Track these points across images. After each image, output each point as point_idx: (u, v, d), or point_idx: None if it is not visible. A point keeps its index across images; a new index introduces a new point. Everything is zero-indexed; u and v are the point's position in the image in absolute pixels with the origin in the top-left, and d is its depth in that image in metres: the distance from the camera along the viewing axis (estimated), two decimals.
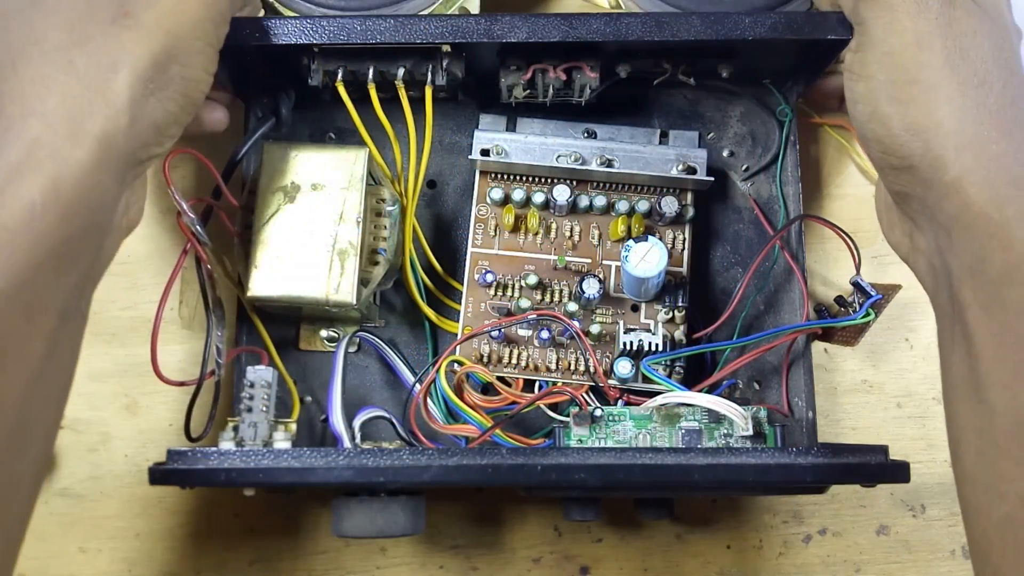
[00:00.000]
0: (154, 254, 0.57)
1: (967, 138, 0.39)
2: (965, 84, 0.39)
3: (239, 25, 0.46)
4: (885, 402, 0.56)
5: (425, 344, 0.54)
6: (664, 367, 0.50)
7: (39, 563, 0.55)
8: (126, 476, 0.55)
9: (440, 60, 0.49)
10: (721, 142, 0.56)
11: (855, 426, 0.56)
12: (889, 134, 0.41)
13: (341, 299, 0.47)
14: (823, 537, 0.55)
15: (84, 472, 0.56)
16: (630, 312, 0.52)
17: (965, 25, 0.40)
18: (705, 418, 0.47)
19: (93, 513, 0.55)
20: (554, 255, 0.53)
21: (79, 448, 0.56)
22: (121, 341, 0.57)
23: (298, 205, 0.48)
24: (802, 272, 0.53)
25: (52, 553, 0.55)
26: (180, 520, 0.55)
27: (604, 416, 0.47)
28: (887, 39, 0.41)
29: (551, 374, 0.51)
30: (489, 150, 0.52)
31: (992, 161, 0.39)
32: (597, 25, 0.46)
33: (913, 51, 0.40)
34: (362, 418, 0.48)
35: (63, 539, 0.55)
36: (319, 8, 0.51)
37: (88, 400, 0.56)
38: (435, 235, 0.56)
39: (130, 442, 0.56)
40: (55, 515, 0.55)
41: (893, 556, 0.44)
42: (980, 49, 0.40)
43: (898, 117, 0.40)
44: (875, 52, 0.41)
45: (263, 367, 0.46)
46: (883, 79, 0.41)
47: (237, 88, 0.52)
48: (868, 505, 0.55)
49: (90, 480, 0.56)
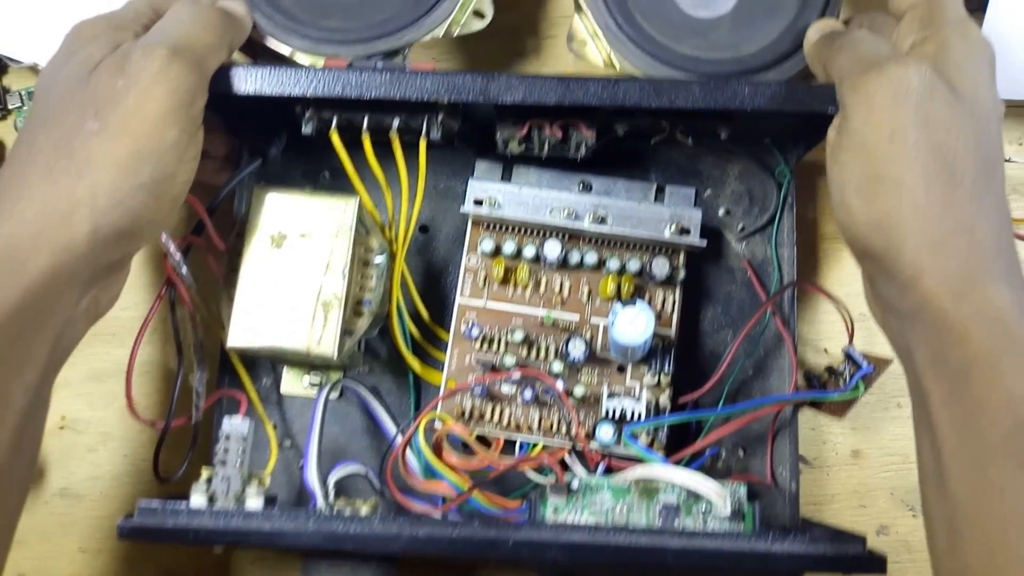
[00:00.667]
0: (154, 254, 0.57)
1: (927, 236, 0.39)
2: (933, 180, 0.39)
3: (228, 76, 0.45)
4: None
5: (408, 393, 0.54)
6: (647, 434, 0.49)
7: (39, 563, 0.55)
8: (126, 476, 0.55)
9: (436, 113, 0.48)
10: (718, 199, 0.55)
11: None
12: (853, 224, 0.41)
13: (323, 352, 0.47)
14: None
15: (84, 472, 0.56)
16: (616, 373, 0.51)
17: (942, 119, 0.39)
18: (684, 493, 0.47)
19: (93, 513, 0.55)
20: (543, 309, 0.52)
21: (79, 448, 0.56)
22: (121, 341, 0.56)
23: (285, 252, 0.48)
24: (793, 341, 0.52)
25: (52, 553, 0.55)
26: None
27: (582, 487, 0.47)
28: (862, 130, 0.40)
29: (533, 434, 0.51)
30: (483, 200, 0.52)
31: (951, 258, 0.38)
32: (594, 89, 0.45)
33: (885, 146, 0.40)
34: (337, 475, 0.47)
35: (63, 539, 0.55)
36: (319, 45, 0.50)
37: (88, 400, 0.56)
38: (425, 281, 0.55)
39: (130, 442, 0.56)
40: (55, 515, 0.55)
41: (893, 556, 0.44)
42: (955, 142, 0.39)
43: (862, 210, 0.41)
44: (850, 141, 0.41)
45: (239, 419, 0.45)
46: (854, 168, 0.41)
47: (228, 126, 0.52)
48: (868, 505, 0.55)
49: (90, 480, 0.56)
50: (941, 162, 0.39)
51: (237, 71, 0.46)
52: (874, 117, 0.40)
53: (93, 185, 0.39)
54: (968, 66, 0.41)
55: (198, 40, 0.43)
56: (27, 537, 0.53)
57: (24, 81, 0.59)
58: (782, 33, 0.50)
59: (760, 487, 0.51)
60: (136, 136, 0.40)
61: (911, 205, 0.39)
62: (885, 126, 0.40)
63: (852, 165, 0.41)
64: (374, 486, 0.50)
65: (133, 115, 0.40)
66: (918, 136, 0.39)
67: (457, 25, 0.50)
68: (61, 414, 0.56)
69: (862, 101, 0.40)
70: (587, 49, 0.51)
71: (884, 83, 0.40)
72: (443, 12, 0.50)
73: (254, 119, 0.51)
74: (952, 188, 0.39)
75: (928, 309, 0.39)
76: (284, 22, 0.50)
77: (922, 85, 0.39)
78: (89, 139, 0.40)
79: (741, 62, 0.50)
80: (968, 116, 0.40)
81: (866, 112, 0.40)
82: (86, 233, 0.39)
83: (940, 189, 0.39)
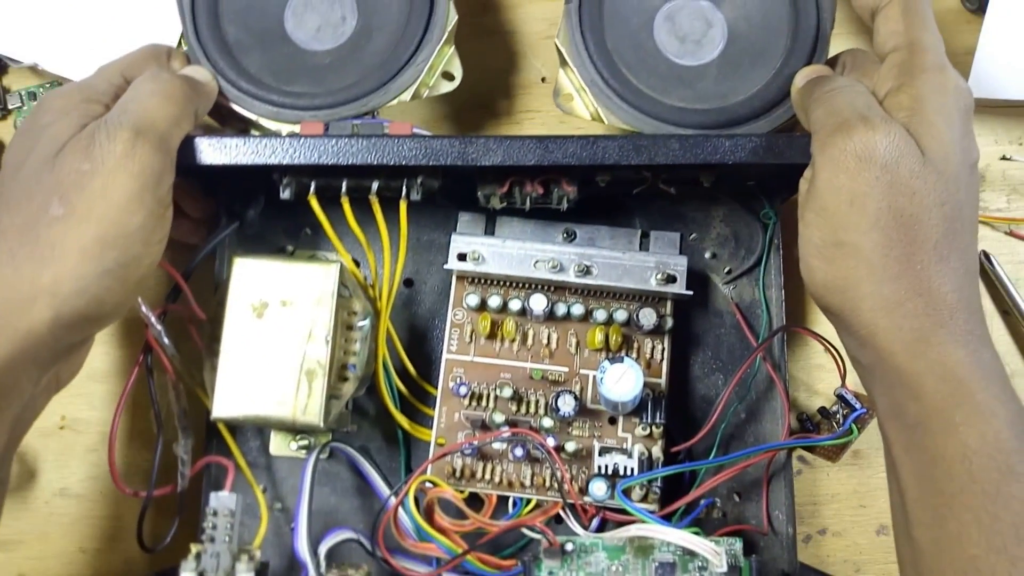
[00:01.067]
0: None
1: (884, 299, 0.39)
2: (892, 245, 0.39)
3: (201, 147, 0.45)
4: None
5: (399, 450, 0.53)
6: (640, 487, 0.49)
7: (39, 563, 0.55)
8: (125, 477, 0.54)
9: (415, 175, 0.47)
10: (703, 243, 0.55)
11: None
12: (813, 282, 0.42)
13: (308, 421, 0.46)
14: (823, 537, 0.55)
15: (84, 472, 0.56)
16: (607, 425, 0.51)
17: (907, 186, 0.39)
18: (680, 549, 0.46)
19: (93, 512, 0.55)
20: (531, 362, 0.52)
21: (79, 448, 0.56)
22: (120, 341, 0.56)
23: (266, 322, 0.47)
24: (784, 386, 0.52)
25: (52, 553, 0.55)
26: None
27: (576, 548, 0.46)
28: (825, 194, 0.41)
29: (526, 490, 0.50)
30: (466, 254, 0.51)
31: (907, 319, 0.39)
32: (573, 148, 0.45)
33: (845, 211, 0.40)
34: (329, 543, 0.47)
35: (63, 539, 0.55)
36: (283, 111, 0.49)
37: (88, 400, 0.56)
38: (411, 336, 0.55)
39: (130, 442, 0.55)
40: (55, 515, 0.55)
41: (893, 556, 0.44)
42: (918, 208, 0.39)
43: (821, 272, 0.41)
44: (815, 202, 0.41)
45: (226, 494, 0.45)
46: (815, 231, 0.41)
47: (204, 188, 0.51)
48: (868, 505, 0.55)
49: (90, 480, 0.56)
50: (902, 227, 0.39)
51: (211, 141, 0.45)
52: (837, 181, 0.40)
53: (56, 272, 0.39)
54: (940, 121, 0.40)
55: (162, 115, 0.42)
56: (26, 537, 0.54)
57: (24, 81, 0.59)
58: (768, 81, 0.49)
59: (757, 535, 0.51)
60: (101, 222, 0.40)
61: (868, 269, 0.39)
62: (846, 191, 0.40)
63: (814, 226, 0.41)
64: (367, 549, 0.49)
65: (98, 200, 0.40)
66: (880, 203, 0.39)
67: (426, 87, 0.50)
68: (61, 414, 0.56)
69: (828, 163, 0.40)
70: (574, 104, 0.51)
71: (850, 147, 0.40)
72: (410, 76, 0.49)
73: (230, 184, 0.50)
74: (912, 252, 0.39)
75: (884, 366, 0.40)
76: (249, 87, 0.49)
77: (888, 151, 0.39)
78: (54, 224, 0.39)
79: (729, 112, 0.49)
80: (935, 179, 0.39)
81: (829, 175, 0.40)
82: (48, 320, 0.39)
83: (898, 253, 0.39)
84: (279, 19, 0.51)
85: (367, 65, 0.50)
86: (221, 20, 0.50)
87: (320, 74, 0.50)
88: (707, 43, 0.50)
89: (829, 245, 0.41)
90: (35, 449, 0.56)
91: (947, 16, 0.59)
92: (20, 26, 0.56)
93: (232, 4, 0.51)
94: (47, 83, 0.58)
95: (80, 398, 0.56)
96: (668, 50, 0.51)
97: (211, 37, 0.50)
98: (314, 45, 0.51)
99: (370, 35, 0.51)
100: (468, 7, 0.59)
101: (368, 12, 0.51)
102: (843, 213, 0.40)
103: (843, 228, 0.40)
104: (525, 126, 0.59)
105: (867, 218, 0.39)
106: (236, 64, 0.49)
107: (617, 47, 0.50)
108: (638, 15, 0.51)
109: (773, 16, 0.50)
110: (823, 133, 0.41)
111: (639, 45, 0.51)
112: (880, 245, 0.39)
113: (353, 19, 0.51)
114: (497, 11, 0.60)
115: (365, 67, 0.50)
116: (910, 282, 0.39)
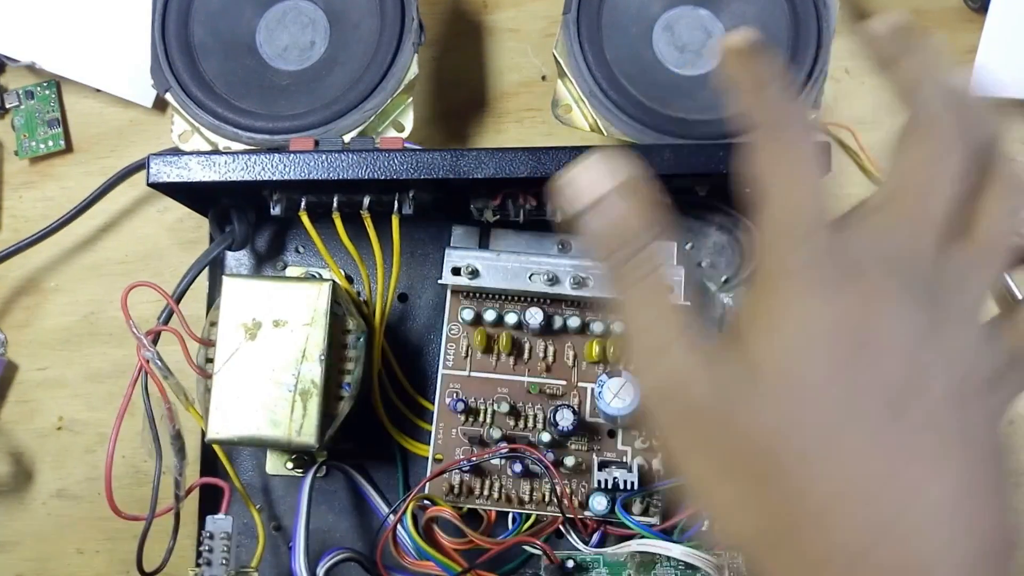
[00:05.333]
0: (152, 254, 0.56)
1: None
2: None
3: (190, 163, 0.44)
4: None
5: (396, 465, 0.53)
6: (641, 501, 0.48)
7: (37, 564, 0.54)
8: (124, 477, 0.55)
9: (407, 189, 0.47)
10: (700, 252, 0.54)
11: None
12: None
13: (304, 441, 0.46)
14: None
15: (82, 473, 0.55)
16: (607, 438, 0.50)
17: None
18: (681, 564, 0.46)
19: (91, 513, 0.55)
20: (528, 376, 0.51)
21: (77, 448, 0.55)
22: (119, 341, 0.56)
23: (259, 343, 0.47)
24: None
25: (51, 553, 0.55)
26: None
27: (577, 565, 0.46)
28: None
29: (525, 506, 0.50)
30: (460, 268, 0.51)
31: None
32: (566, 160, 0.44)
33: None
34: (327, 564, 0.46)
35: (61, 539, 0.55)
36: (227, 125, 0.49)
37: (87, 400, 0.56)
38: (406, 351, 0.54)
39: (128, 443, 0.54)
40: (53, 515, 0.55)
41: None
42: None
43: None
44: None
45: (222, 517, 0.44)
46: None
47: (194, 206, 0.51)
48: None
49: (88, 481, 0.55)
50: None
51: (200, 159, 0.45)
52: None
53: None
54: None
55: None
56: (24, 538, 0.53)
57: (22, 80, 0.58)
58: None
59: None
60: None
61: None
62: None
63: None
64: (365, 567, 0.49)
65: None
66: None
67: (374, 133, 0.49)
68: (59, 415, 0.56)
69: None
70: (572, 114, 0.50)
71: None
72: (354, 120, 0.48)
73: (220, 201, 0.50)
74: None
75: None
76: (197, 94, 0.49)
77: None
78: None
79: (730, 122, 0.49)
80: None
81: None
82: None
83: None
84: (251, 29, 0.51)
85: (320, 97, 0.49)
86: (191, 19, 0.50)
87: (272, 96, 0.49)
88: (707, 53, 0.50)
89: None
90: (33, 450, 0.56)
91: (948, 15, 0.58)
92: (17, 25, 0.56)
93: (206, 5, 0.50)
94: (44, 82, 0.58)
95: (78, 399, 0.56)
96: (667, 60, 0.50)
97: (175, 34, 0.49)
98: (279, 63, 0.51)
99: (333, 68, 0.50)
100: (469, 5, 0.58)
101: (338, 44, 0.50)
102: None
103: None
104: (526, 124, 0.58)
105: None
106: (193, 65, 0.49)
107: (616, 58, 0.50)
108: (637, 25, 0.50)
109: (773, 25, 0.50)
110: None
111: (638, 55, 0.50)
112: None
113: (323, 47, 0.51)
114: (497, 9, 0.59)
115: (317, 99, 0.49)
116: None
